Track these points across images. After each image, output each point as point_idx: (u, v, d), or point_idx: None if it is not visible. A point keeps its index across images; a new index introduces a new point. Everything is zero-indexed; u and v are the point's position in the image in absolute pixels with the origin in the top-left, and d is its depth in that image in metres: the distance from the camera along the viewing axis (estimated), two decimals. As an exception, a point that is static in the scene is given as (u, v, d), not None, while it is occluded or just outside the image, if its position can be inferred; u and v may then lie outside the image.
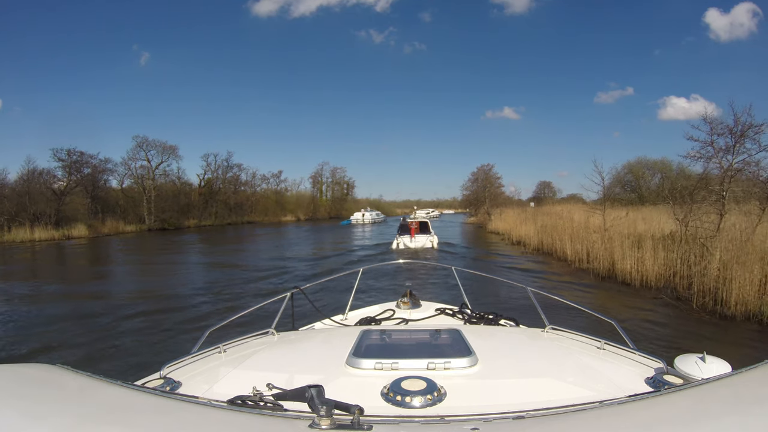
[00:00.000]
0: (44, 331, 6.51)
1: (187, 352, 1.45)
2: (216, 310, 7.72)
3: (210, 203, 45.27)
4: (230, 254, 18.68)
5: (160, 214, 38.44)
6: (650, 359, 1.33)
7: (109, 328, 6.63)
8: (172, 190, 41.73)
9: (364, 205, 62.07)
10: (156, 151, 41.48)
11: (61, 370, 0.96)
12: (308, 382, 0.83)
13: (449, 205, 71.88)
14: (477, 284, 7.00)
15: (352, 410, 0.77)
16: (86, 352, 5.52)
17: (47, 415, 0.73)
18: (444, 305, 2.61)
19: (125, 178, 40.24)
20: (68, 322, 7.05)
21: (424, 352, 1.31)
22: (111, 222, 34.05)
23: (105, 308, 7.98)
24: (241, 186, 51.67)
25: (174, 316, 7.24)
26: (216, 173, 48.81)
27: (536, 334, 1.74)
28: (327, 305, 3.06)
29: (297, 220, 53.80)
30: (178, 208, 40.88)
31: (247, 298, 8.66)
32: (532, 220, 18.96)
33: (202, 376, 1.30)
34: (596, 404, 0.90)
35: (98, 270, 15.14)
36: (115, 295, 9.64)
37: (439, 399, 1.03)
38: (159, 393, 0.96)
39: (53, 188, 32.06)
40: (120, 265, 16.74)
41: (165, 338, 6.04)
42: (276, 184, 56.87)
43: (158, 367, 1.29)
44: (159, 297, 8.93)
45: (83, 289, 10.67)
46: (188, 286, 10.40)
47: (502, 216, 25.62)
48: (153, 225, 37.66)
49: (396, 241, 18.03)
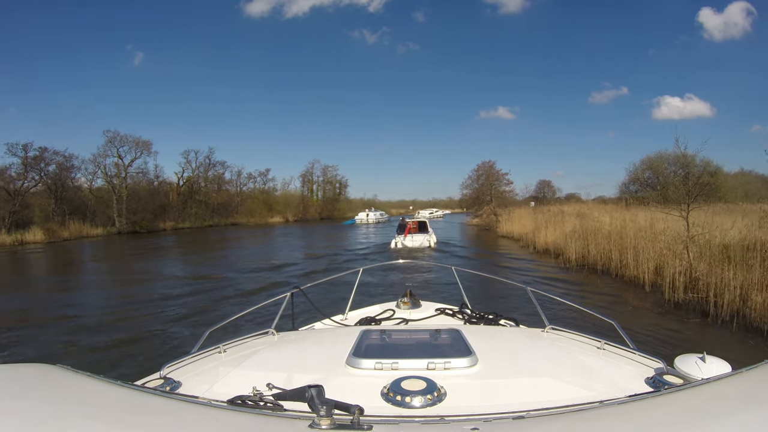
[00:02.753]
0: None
1: (187, 352, 1.49)
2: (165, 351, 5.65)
3: (189, 204, 41.00)
4: (203, 262, 16.58)
5: (131, 215, 36.10)
6: (650, 359, 1.36)
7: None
8: (146, 190, 39.49)
9: (357, 205, 62.52)
10: (128, 146, 39.41)
11: (60, 370, 0.98)
12: (308, 382, 0.85)
13: (445, 205, 73.09)
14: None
15: (352, 410, 0.79)
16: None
17: (47, 415, 0.75)
18: (444, 305, 2.65)
19: (95, 176, 38.37)
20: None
21: (424, 352, 1.35)
22: (74, 225, 32.18)
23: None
24: (225, 185, 49.96)
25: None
26: (197, 171, 46.50)
27: (536, 334, 1.78)
28: (327, 305, 2.92)
29: (285, 221, 52.51)
30: (152, 209, 38.93)
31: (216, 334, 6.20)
32: (554, 222, 16.29)
33: (202, 376, 1.33)
34: (596, 404, 0.92)
35: (22, 282, 13.11)
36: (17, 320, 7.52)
37: (439, 399, 1.05)
38: (159, 393, 1.00)
39: (7, 189, 29.89)
40: (54, 277, 14.62)
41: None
42: (263, 183, 53.96)
43: (157, 369, 1.31)
44: (79, 325, 7.05)
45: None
46: (130, 310, 8.20)
47: (512, 217, 22.23)
48: (123, 228, 35.86)
49: (395, 241, 18.58)
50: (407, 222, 20.35)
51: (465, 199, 41.11)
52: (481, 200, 34.73)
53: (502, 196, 32.90)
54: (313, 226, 44.05)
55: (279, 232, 35.66)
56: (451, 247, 18.70)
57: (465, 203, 42.59)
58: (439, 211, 64.39)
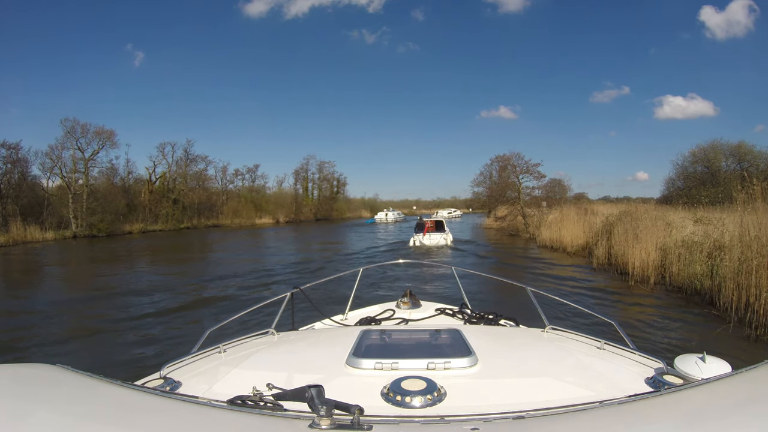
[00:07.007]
0: None
1: (187, 352, 1.56)
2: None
3: (162, 203, 35.96)
4: (163, 279, 12.73)
5: (89, 216, 33.37)
6: (650, 359, 1.43)
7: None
8: (107, 187, 36.46)
9: (358, 204, 62.75)
10: (89, 137, 36.16)
11: (61, 369, 1.02)
12: (308, 382, 0.88)
13: (450, 205, 75.12)
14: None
15: (352, 410, 0.82)
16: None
17: (47, 415, 0.79)
18: (444, 305, 2.73)
19: (51, 172, 34.57)
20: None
21: (424, 352, 1.42)
22: (17, 228, 28.64)
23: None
24: (208, 182, 47.02)
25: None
26: (177, 165, 41.74)
27: (536, 334, 1.84)
28: (327, 305, 2.97)
29: (276, 222, 49.98)
30: (116, 209, 35.87)
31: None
32: (633, 229, 11.01)
33: (202, 376, 1.40)
34: (596, 404, 0.95)
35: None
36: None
37: (439, 399, 1.10)
38: (159, 393, 1.04)
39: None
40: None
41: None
42: (252, 181, 48.48)
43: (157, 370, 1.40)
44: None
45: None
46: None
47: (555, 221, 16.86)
48: (81, 231, 32.70)
49: (413, 239, 20.28)
50: (425, 221, 21.89)
51: (477, 198, 35.44)
52: (502, 198, 29.10)
53: (531, 193, 27.48)
54: (307, 228, 42.02)
55: (264, 235, 33.50)
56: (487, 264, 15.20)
57: (477, 202, 37.02)
58: (457, 211, 67.47)
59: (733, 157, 29.49)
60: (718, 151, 29.30)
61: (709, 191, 24.13)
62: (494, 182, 33.09)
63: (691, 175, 29.72)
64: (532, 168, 29.08)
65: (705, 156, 29.18)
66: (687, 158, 30.56)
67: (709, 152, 29.24)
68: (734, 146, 29.60)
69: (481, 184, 35.36)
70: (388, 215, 53.02)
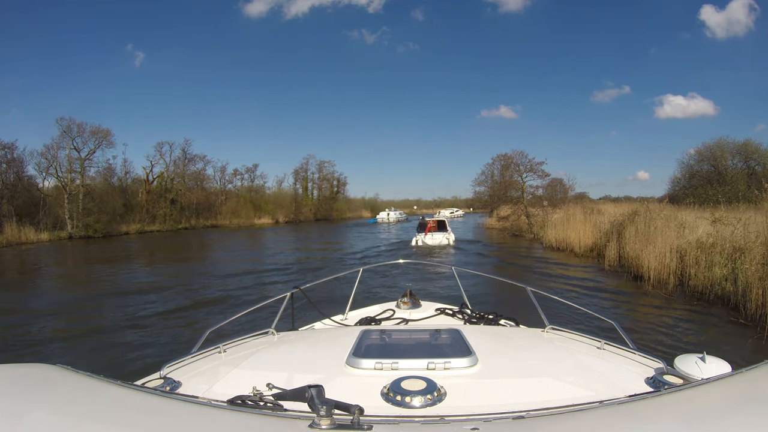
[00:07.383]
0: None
1: (187, 352, 1.57)
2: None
3: (159, 203, 35.64)
4: (160, 280, 12.31)
5: (85, 217, 33.23)
6: (650, 359, 1.43)
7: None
8: (104, 188, 36.56)
9: (358, 204, 62.89)
10: (86, 137, 35.43)
11: (61, 369, 1.03)
12: (308, 382, 0.89)
13: (451, 204, 75.56)
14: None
15: (352, 410, 0.82)
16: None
17: (46, 415, 0.79)
18: (444, 305, 2.75)
19: (47, 172, 34.31)
20: None
21: (424, 352, 1.43)
22: (11, 229, 28.30)
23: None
24: (207, 182, 46.85)
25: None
26: (175, 165, 41.83)
27: (536, 334, 1.85)
28: (327, 305, 2.91)
29: (275, 222, 49.82)
30: (112, 209, 35.60)
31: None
32: (645, 231, 10.49)
33: (202, 376, 1.41)
34: (596, 404, 0.95)
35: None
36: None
37: (439, 399, 1.11)
38: (159, 393, 1.05)
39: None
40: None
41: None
42: (251, 181, 48.23)
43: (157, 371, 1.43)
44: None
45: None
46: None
47: (560, 221, 16.40)
48: (77, 232, 32.43)
49: (415, 239, 20.41)
50: (427, 221, 22.10)
51: (479, 198, 34.94)
52: (504, 198, 28.63)
53: (535, 193, 26.98)
54: (307, 228, 41.81)
55: (264, 235, 33.37)
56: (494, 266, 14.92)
57: (478, 202, 36.52)
58: (459, 210, 68.15)
59: (739, 155, 29.10)
60: (724, 150, 28.95)
61: (717, 190, 23.73)
62: (496, 182, 32.80)
63: (697, 174, 29.40)
64: (536, 166, 28.80)
65: (711, 154, 28.87)
66: (693, 157, 30.27)
67: (715, 151, 28.92)
68: (740, 144, 29.25)
69: (482, 183, 35.16)
70: (390, 215, 53.75)
